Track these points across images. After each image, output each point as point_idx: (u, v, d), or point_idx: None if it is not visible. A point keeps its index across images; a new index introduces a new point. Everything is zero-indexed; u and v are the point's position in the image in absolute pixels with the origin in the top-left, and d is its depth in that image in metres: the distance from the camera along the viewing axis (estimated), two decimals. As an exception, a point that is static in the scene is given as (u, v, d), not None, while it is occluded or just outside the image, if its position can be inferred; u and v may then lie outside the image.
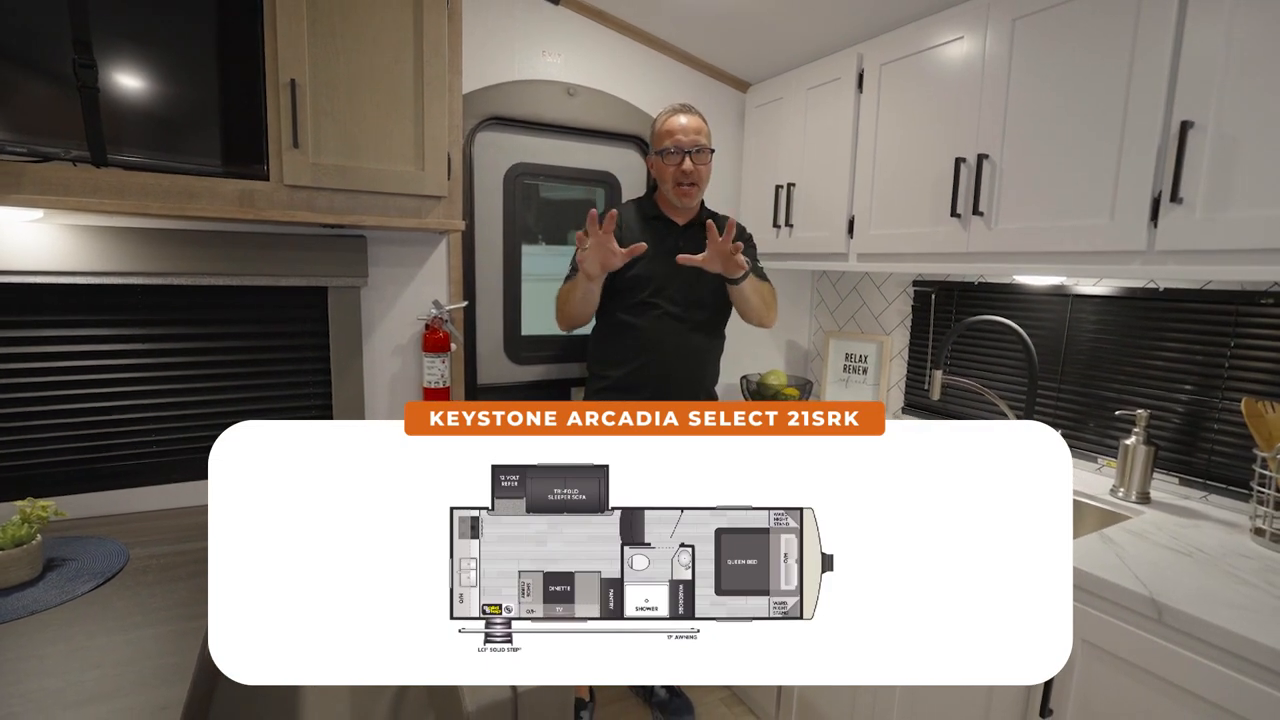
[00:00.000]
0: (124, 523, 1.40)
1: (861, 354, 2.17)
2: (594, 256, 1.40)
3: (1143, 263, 1.19)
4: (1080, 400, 1.60)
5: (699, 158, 1.56)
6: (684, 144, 1.55)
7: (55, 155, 1.13)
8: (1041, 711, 1.08)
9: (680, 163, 1.55)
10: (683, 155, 1.55)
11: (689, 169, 1.55)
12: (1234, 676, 0.87)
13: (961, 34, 1.47)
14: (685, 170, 1.55)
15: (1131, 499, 1.35)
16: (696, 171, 1.57)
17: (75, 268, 1.34)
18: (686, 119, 1.57)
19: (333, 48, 1.31)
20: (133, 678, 0.90)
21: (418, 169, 1.42)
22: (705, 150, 1.57)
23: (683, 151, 1.54)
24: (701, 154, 1.57)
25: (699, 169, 1.57)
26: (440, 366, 1.72)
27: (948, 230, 1.52)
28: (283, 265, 1.52)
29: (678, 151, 1.55)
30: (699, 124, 1.58)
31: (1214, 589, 0.98)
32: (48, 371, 1.41)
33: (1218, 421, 1.36)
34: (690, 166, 1.55)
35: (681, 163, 1.55)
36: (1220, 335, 1.35)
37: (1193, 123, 1.09)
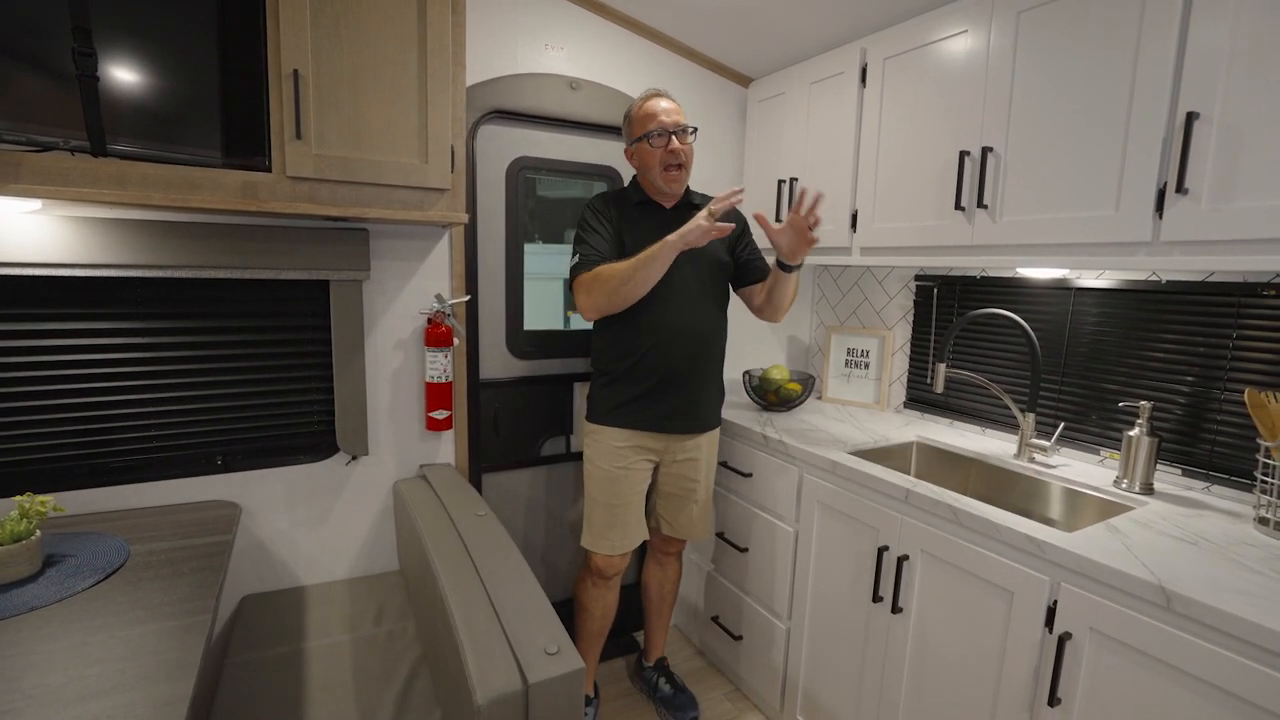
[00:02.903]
0: (124, 519, 1.38)
1: (863, 349, 2.17)
2: (708, 229, 1.38)
3: (1148, 254, 1.20)
4: (1083, 392, 1.60)
5: (684, 137, 1.56)
6: (667, 125, 1.54)
7: (54, 145, 1.12)
8: (1050, 700, 1.08)
9: (668, 144, 1.54)
10: (669, 136, 1.54)
11: (677, 148, 1.55)
12: (1243, 662, 0.87)
13: (966, 27, 1.47)
14: (673, 150, 1.55)
15: (1135, 490, 1.36)
16: (684, 150, 1.56)
17: (75, 260, 1.33)
18: (666, 102, 1.56)
19: (336, 39, 1.30)
20: (136, 673, 0.89)
21: (421, 161, 1.41)
22: (689, 129, 1.57)
23: (668, 132, 1.54)
24: (686, 133, 1.56)
25: (686, 148, 1.57)
26: (443, 361, 1.71)
27: (952, 223, 1.52)
28: (284, 258, 1.50)
29: (663, 133, 1.53)
30: (678, 105, 1.57)
31: (1221, 577, 0.98)
32: (47, 365, 1.39)
33: (1220, 412, 1.36)
34: (678, 145, 1.55)
35: (669, 143, 1.54)
36: (1222, 327, 1.35)
37: (1198, 114, 1.10)
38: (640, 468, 1.66)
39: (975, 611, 1.23)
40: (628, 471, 1.63)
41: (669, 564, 1.89)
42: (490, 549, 1.32)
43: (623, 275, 1.46)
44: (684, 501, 1.74)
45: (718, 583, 1.99)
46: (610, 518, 1.64)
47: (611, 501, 1.64)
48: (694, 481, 1.72)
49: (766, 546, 1.76)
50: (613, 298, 1.49)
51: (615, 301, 1.50)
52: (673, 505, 1.75)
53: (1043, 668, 1.11)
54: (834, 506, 1.54)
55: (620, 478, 1.63)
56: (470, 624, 1.07)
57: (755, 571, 1.82)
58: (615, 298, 1.49)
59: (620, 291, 1.47)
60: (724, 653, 1.99)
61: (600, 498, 1.65)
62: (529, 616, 1.11)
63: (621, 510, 1.64)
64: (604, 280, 1.49)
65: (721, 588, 1.97)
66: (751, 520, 1.82)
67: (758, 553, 1.80)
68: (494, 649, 1.02)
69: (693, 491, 1.73)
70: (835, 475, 1.53)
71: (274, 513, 1.64)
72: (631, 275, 1.44)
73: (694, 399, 1.65)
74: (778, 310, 1.65)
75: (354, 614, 1.55)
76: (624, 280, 1.46)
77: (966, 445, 1.71)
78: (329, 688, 1.27)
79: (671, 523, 1.77)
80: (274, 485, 1.63)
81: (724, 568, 1.96)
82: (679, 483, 1.73)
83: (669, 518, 1.77)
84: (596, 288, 1.50)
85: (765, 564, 1.77)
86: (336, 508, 1.71)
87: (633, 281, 1.45)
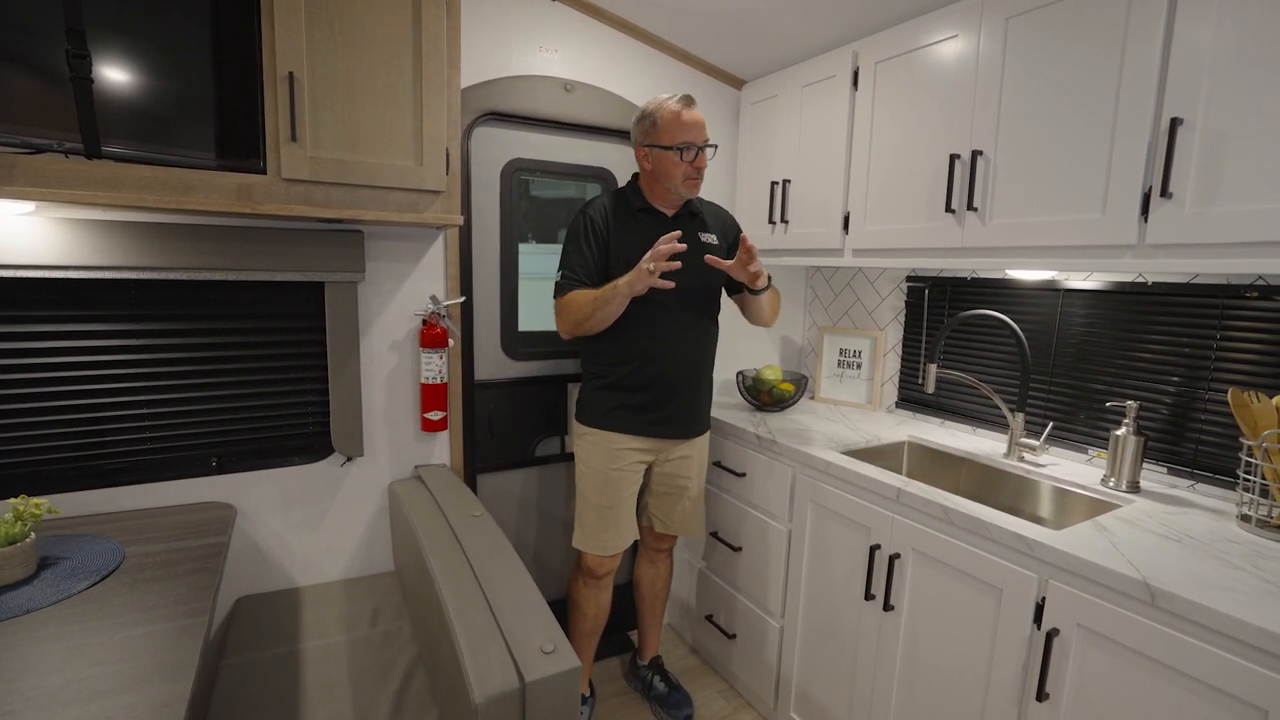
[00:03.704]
0: (119, 521, 1.38)
1: (856, 349, 2.19)
2: (649, 282, 1.41)
3: (1134, 256, 1.22)
4: (1071, 392, 1.63)
5: (707, 152, 1.57)
6: (696, 141, 1.54)
7: (48, 147, 1.11)
8: (1038, 695, 1.10)
9: (695, 159, 1.55)
10: (697, 151, 1.55)
11: (703, 165, 1.57)
12: (1225, 656, 0.89)
13: (955, 32, 1.49)
14: (699, 167, 1.56)
15: (1122, 488, 1.38)
16: (705, 165, 1.58)
17: (69, 262, 1.32)
18: (696, 114, 1.55)
19: (331, 41, 1.30)
20: (134, 675, 0.89)
21: (416, 163, 1.42)
22: (713, 146, 1.58)
23: (697, 148, 1.54)
24: (709, 147, 1.57)
25: (705, 163, 1.59)
26: (438, 362, 1.71)
27: (942, 226, 1.54)
28: (279, 260, 1.50)
29: (692, 148, 1.54)
30: (703, 117, 1.58)
31: (1204, 573, 1.00)
32: (41, 368, 1.39)
33: (1204, 412, 1.39)
34: (703, 162, 1.57)
35: (696, 159, 1.55)
36: (1206, 328, 1.38)
37: (1182, 119, 1.12)
38: (633, 469, 1.67)
39: (965, 609, 1.25)
40: (621, 473, 1.64)
41: (660, 561, 1.90)
42: (486, 549, 1.33)
43: (585, 312, 1.53)
44: (677, 499, 1.76)
45: (711, 581, 2.01)
46: (602, 518, 1.65)
47: (604, 502, 1.65)
48: (686, 479, 1.74)
49: (760, 545, 1.78)
50: (578, 328, 1.57)
51: (582, 331, 1.57)
52: (665, 503, 1.77)
53: (1031, 663, 1.13)
54: (827, 506, 1.55)
55: (614, 479, 1.64)
56: (467, 623, 1.08)
57: (748, 570, 1.83)
58: (580, 329, 1.57)
59: (583, 325, 1.55)
60: (718, 651, 2.01)
61: (593, 498, 1.66)
62: (525, 615, 1.12)
63: (614, 511, 1.65)
64: (571, 311, 1.55)
65: (715, 586, 1.99)
66: (745, 519, 1.84)
67: (751, 552, 1.82)
68: (491, 648, 1.03)
69: (685, 489, 1.75)
70: (828, 475, 1.55)
71: (269, 514, 1.64)
72: (591, 314, 1.52)
73: (687, 405, 1.67)
74: (759, 323, 1.74)
75: (350, 615, 1.55)
76: (585, 316, 1.53)
77: (957, 445, 1.73)
78: (325, 688, 1.28)
79: (665, 520, 1.78)
80: (269, 487, 1.63)
81: (717, 566, 1.98)
82: (672, 481, 1.74)
83: (661, 515, 1.78)
84: (566, 315, 1.57)
85: (759, 563, 1.79)
86: (332, 509, 1.71)
87: (592, 319, 1.52)
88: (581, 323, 1.54)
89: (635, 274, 1.44)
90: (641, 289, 1.44)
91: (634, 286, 1.44)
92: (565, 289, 1.57)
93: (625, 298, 1.47)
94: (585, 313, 1.52)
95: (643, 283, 1.42)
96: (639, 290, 1.44)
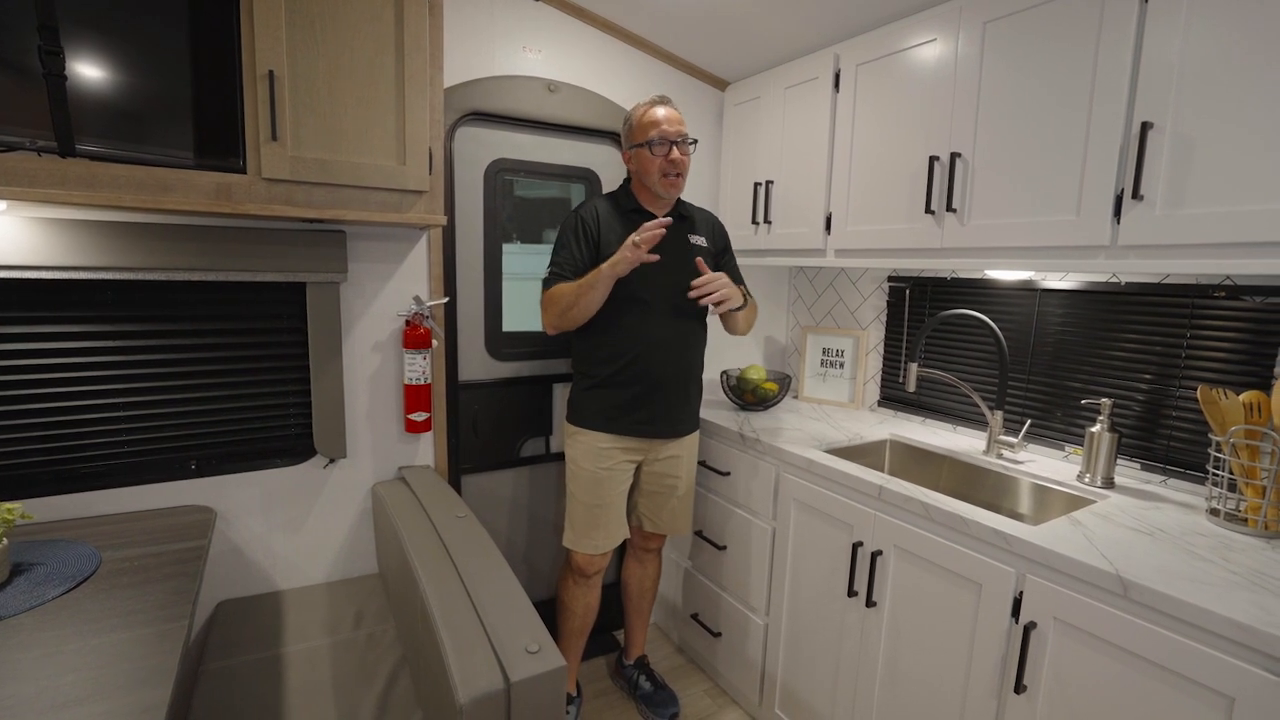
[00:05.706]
0: (95, 525, 1.36)
1: (838, 348, 2.21)
2: (635, 258, 1.42)
3: (1107, 257, 1.25)
4: (1048, 390, 1.66)
5: (684, 147, 1.59)
6: (669, 134, 1.56)
7: (19, 145, 1.09)
8: (1016, 688, 1.13)
9: (668, 153, 1.57)
10: (670, 145, 1.57)
11: (677, 158, 1.58)
12: (1194, 646, 0.92)
13: (934, 36, 1.52)
14: (674, 160, 1.58)
15: (1097, 484, 1.41)
16: (683, 161, 1.59)
17: (42, 261, 1.30)
18: (669, 110, 1.59)
19: (312, 40, 1.29)
20: (112, 681, 0.88)
21: (399, 163, 1.41)
22: (690, 140, 1.60)
23: (670, 142, 1.56)
24: (687, 143, 1.59)
25: (685, 159, 1.60)
26: (421, 363, 1.70)
27: (922, 227, 1.56)
28: (260, 260, 1.49)
29: (664, 142, 1.56)
30: (680, 115, 1.60)
31: (1175, 566, 1.03)
32: (13, 370, 1.36)
33: (1175, 409, 1.42)
34: (678, 155, 1.58)
35: (669, 153, 1.57)
36: (1177, 327, 1.41)
37: (1152, 124, 1.15)
38: (623, 469, 1.67)
39: (945, 604, 1.27)
40: (611, 472, 1.65)
41: (649, 561, 1.90)
42: (470, 550, 1.32)
43: (568, 300, 1.53)
44: (666, 498, 1.76)
45: (696, 580, 2.02)
46: (592, 517, 1.66)
47: (594, 502, 1.65)
48: (675, 478, 1.75)
49: (744, 544, 1.79)
50: (563, 318, 1.56)
51: (566, 321, 1.56)
52: (655, 502, 1.77)
53: (1009, 656, 1.15)
54: (810, 504, 1.57)
55: (604, 479, 1.64)
56: (451, 624, 1.08)
57: (733, 569, 1.84)
58: (565, 319, 1.56)
59: (568, 314, 1.55)
60: (703, 649, 2.02)
61: (583, 498, 1.66)
62: (510, 615, 1.11)
63: (604, 510, 1.66)
64: (556, 301, 1.56)
65: (700, 585, 2.00)
66: (729, 518, 1.85)
67: (736, 550, 1.83)
68: (475, 648, 1.02)
69: (674, 488, 1.75)
70: (811, 473, 1.57)
71: (250, 517, 1.62)
72: (575, 301, 1.52)
73: (675, 405, 1.68)
74: (732, 332, 1.77)
75: (333, 618, 1.54)
76: (569, 305, 1.53)
77: (938, 442, 1.76)
78: (308, 692, 1.27)
79: (654, 519, 1.79)
80: (250, 489, 1.61)
81: (702, 565, 1.99)
82: (661, 480, 1.75)
83: (650, 514, 1.79)
84: (550, 306, 1.57)
85: (743, 561, 1.80)
86: (314, 511, 1.70)
87: (576, 307, 1.52)
88: (565, 311, 1.54)
89: (618, 255, 1.45)
90: (624, 270, 1.45)
91: (616, 268, 1.45)
92: (551, 283, 1.58)
93: (609, 281, 1.48)
94: (569, 301, 1.53)
95: (626, 262, 1.43)
96: (621, 272, 1.45)
